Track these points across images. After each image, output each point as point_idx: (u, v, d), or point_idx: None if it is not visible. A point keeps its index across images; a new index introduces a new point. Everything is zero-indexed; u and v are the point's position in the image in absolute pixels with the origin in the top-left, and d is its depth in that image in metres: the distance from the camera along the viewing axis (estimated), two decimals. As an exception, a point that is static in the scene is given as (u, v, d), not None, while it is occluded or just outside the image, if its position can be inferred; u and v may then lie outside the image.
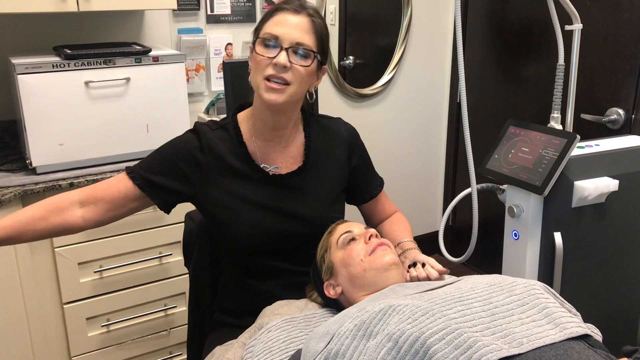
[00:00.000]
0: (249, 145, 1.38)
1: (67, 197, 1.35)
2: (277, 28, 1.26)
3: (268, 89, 1.25)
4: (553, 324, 0.97)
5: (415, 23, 3.06)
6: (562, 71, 1.73)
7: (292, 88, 1.27)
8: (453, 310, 0.96)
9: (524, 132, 1.72)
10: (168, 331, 2.21)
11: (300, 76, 1.27)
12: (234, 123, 1.39)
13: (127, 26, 2.35)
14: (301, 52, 1.26)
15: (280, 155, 1.40)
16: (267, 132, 1.37)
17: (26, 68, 1.83)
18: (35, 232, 1.30)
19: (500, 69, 2.91)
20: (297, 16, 1.27)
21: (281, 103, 1.27)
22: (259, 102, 1.33)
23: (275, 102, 1.26)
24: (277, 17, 1.28)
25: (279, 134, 1.38)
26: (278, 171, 1.39)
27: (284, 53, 1.24)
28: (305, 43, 1.27)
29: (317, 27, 1.29)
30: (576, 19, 1.70)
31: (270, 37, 1.26)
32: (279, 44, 1.25)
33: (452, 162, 3.34)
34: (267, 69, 1.25)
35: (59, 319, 2.01)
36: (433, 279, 1.25)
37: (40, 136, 1.89)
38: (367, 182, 1.53)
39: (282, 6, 1.29)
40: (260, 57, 1.26)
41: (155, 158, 1.39)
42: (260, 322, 1.27)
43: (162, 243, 2.12)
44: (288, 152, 1.40)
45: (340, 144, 1.46)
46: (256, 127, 1.38)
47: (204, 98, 2.59)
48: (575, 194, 1.63)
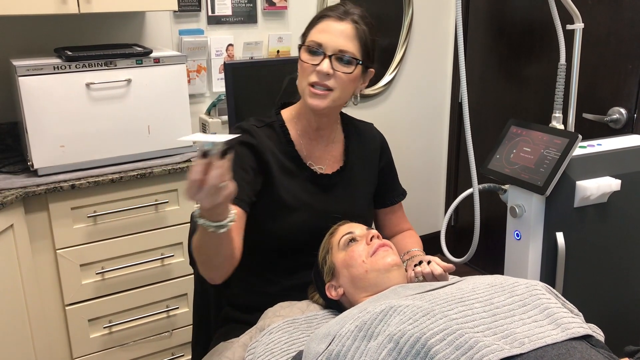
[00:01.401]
0: (295, 144, 1.41)
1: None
2: (321, 35, 1.30)
3: (312, 94, 1.31)
4: (555, 324, 0.97)
5: (417, 23, 3.06)
6: (563, 71, 1.73)
7: (335, 94, 1.31)
8: (454, 311, 0.95)
9: (526, 132, 1.72)
10: (170, 332, 2.21)
11: (342, 82, 1.31)
12: (280, 121, 1.42)
13: (128, 27, 2.35)
14: (344, 59, 1.30)
15: (323, 154, 1.44)
16: (312, 132, 1.42)
17: (27, 70, 1.83)
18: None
19: (502, 68, 2.91)
20: (341, 23, 1.31)
21: (323, 108, 1.32)
22: (303, 105, 1.37)
23: (317, 107, 1.31)
24: (322, 24, 1.32)
25: (322, 134, 1.43)
26: (323, 171, 1.42)
27: (326, 61, 1.28)
28: (349, 50, 1.30)
29: (360, 33, 1.32)
30: (577, 19, 1.69)
31: (314, 44, 1.30)
32: (323, 52, 1.29)
33: (454, 162, 3.34)
34: (311, 75, 1.30)
35: (61, 320, 2.01)
36: (437, 274, 1.25)
37: (41, 138, 1.89)
38: (390, 189, 1.58)
39: (327, 13, 1.33)
40: (305, 65, 1.31)
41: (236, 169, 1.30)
42: (262, 324, 1.27)
43: (164, 244, 2.12)
44: (330, 152, 1.45)
45: (373, 148, 1.52)
46: (302, 126, 1.41)
47: (205, 99, 2.59)
48: (578, 194, 1.63)
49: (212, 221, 1.03)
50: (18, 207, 1.82)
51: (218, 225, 1.04)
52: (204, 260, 1.19)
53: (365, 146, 1.51)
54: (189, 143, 2.14)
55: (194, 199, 0.95)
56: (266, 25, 2.66)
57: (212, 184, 0.92)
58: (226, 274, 1.23)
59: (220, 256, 1.16)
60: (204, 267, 1.21)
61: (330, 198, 1.41)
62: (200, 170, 0.92)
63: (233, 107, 2.29)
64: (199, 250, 1.17)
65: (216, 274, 1.22)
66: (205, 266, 1.20)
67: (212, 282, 1.24)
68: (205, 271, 1.21)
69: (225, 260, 1.18)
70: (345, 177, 1.44)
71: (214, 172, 0.92)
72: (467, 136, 1.55)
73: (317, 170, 1.41)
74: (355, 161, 1.47)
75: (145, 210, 2.06)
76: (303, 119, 1.41)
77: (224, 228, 1.04)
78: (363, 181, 1.48)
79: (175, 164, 2.07)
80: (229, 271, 1.23)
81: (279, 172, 1.36)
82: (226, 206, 1.03)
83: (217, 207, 1.00)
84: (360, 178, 1.47)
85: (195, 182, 0.92)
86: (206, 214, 1.03)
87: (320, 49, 1.30)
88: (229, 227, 1.06)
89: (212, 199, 0.95)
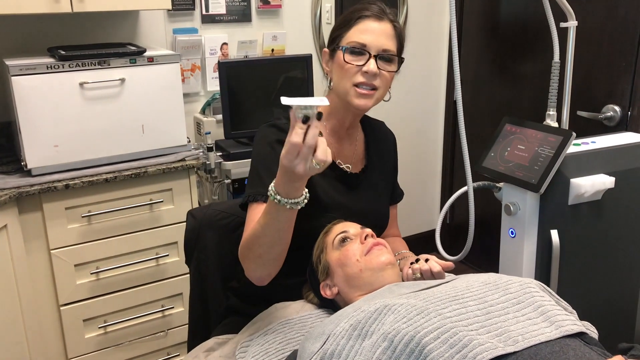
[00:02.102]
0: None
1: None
2: (364, 36, 1.31)
3: (358, 95, 1.31)
4: (548, 322, 0.97)
5: (411, 21, 3.06)
6: (557, 68, 1.73)
7: (379, 93, 1.34)
8: (448, 309, 0.95)
9: (520, 130, 1.72)
10: (166, 332, 2.21)
11: (386, 81, 1.34)
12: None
13: (122, 27, 2.34)
14: (387, 57, 1.32)
15: (350, 153, 1.45)
16: (343, 131, 1.43)
17: (20, 69, 1.82)
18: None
19: (496, 66, 2.91)
20: (381, 23, 1.33)
21: (370, 107, 1.34)
22: (340, 104, 1.37)
23: (365, 107, 1.33)
24: (362, 24, 1.33)
25: (350, 132, 1.45)
26: (350, 169, 1.43)
27: (372, 61, 1.30)
28: (391, 49, 1.33)
29: (398, 31, 1.36)
30: (571, 16, 1.70)
31: (358, 45, 1.31)
32: (367, 51, 1.30)
33: (449, 160, 3.34)
34: (356, 76, 1.30)
35: (56, 321, 2.00)
36: (435, 271, 1.25)
37: (35, 138, 1.88)
38: (393, 188, 1.59)
39: (364, 13, 1.33)
40: (349, 66, 1.30)
41: (262, 166, 1.32)
42: (257, 326, 1.27)
43: (158, 244, 2.12)
44: (355, 151, 1.46)
45: (388, 146, 1.56)
46: (331, 125, 1.42)
47: (199, 98, 2.58)
48: (572, 191, 1.63)
49: (289, 198, 1.08)
50: (12, 207, 1.82)
51: (294, 202, 1.08)
52: (261, 253, 1.18)
53: (382, 145, 1.53)
54: (183, 142, 2.14)
55: (291, 165, 1.00)
56: (261, 23, 2.65)
57: (309, 144, 0.98)
58: (277, 269, 1.24)
59: (281, 243, 1.17)
60: (259, 263, 1.20)
61: (357, 197, 1.42)
62: (301, 134, 0.98)
63: (227, 106, 2.29)
64: (258, 242, 1.17)
65: (268, 269, 1.22)
66: (260, 261, 1.20)
67: (260, 282, 1.24)
68: (259, 267, 1.21)
69: (283, 250, 1.20)
70: (369, 176, 1.46)
71: (311, 132, 0.98)
72: (462, 134, 1.55)
73: (346, 169, 1.42)
74: (375, 160, 1.49)
75: (139, 210, 2.06)
76: (334, 118, 1.41)
77: (300, 205, 1.09)
78: (382, 180, 1.50)
79: (170, 164, 2.06)
80: (279, 266, 1.24)
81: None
82: (303, 184, 1.08)
83: (294, 182, 1.05)
84: (380, 177, 1.49)
85: (296, 146, 0.98)
86: (282, 190, 1.07)
87: (365, 49, 1.30)
88: (303, 205, 1.10)
89: (307, 164, 1.00)
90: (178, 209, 2.11)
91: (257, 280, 1.24)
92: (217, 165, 2.29)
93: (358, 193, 1.43)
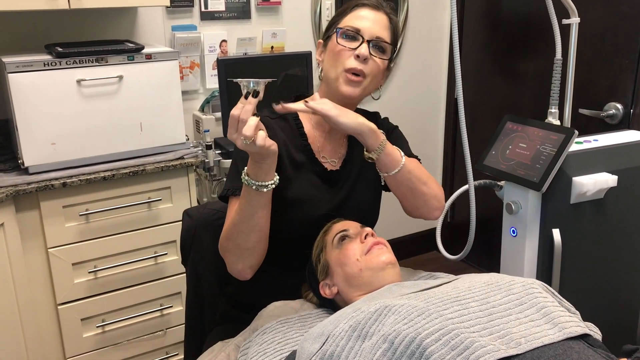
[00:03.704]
0: (309, 137, 1.39)
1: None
2: (359, 22, 1.32)
3: (347, 81, 1.30)
4: (552, 323, 0.95)
5: (412, 18, 3.04)
6: (559, 66, 1.71)
7: (367, 81, 1.32)
8: (450, 310, 0.94)
9: (522, 128, 1.70)
10: (164, 331, 2.20)
11: (376, 69, 1.32)
12: (293, 114, 1.40)
13: (120, 23, 2.32)
14: (380, 45, 1.32)
15: (336, 148, 1.43)
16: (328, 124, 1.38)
17: (17, 67, 1.81)
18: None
19: (497, 64, 2.89)
20: (377, 12, 1.34)
21: (357, 96, 1.32)
22: (329, 94, 1.34)
23: (352, 95, 1.31)
24: (358, 11, 1.34)
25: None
26: (335, 165, 1.41)
27: (365, 45, 1.30)
28: (385, 38, 1.33)
29: (393, 24, 1.37)
30: (574, 13, 1.68)
31: (352, 29, 1.31)
32: (361, 36, 1.30)
33: (450, 159, 3.32)
34: (349, 60, 1.30)
35: (54, 320, 1.99)
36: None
37: (32, 135, 1.86)
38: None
39: (362, 2, 1.35)
40: (341, 48, 1.30)
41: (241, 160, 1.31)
42: (255, 325, 1.25)
43: (157, 242, 2.10)
44: (343, 145, 1.44)
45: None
46: (317, 118, 1.40)
47: (198, 96, 2.57)
48: (574, 190, 1.61)
49: (257, 180, 1.14)
50: (9, 205, 1.80)
51: (262, 184, 1.15)
52: (240, 242, 1.22)
53: None
54: (182, 140, 2.12)
55: (231, 138, 1.08)
56: (260, 20, 2.63)
57: (241, 118, 1.06)
58: (257, 260, 1.26)
59: (257, 230, 1.21)
60: (238, 254, 1.24)
61: (336, 193, 1.39)
62: (240, 107, 1.07)
63: (227, 104, 2.27)
64: (235, 229, 1.21)
65: (248, 260, 1.25)
66: (239, 252, 1.23)
67: (242, 275, 1.27)
68: (239, 259, 1.24)
69: (261, 238, 1.23)
70: (350, 169, 1.42)
71: (245, 107, 1.06)
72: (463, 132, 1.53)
73: (327, 167, 1.39)
74: (359, 152, 1.42)
75: (138, 208, 2.04)
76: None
77: (266, 188, 1.15)
78: (368, 173, 1.44)
79: (168, 162, 2.05)
80: (260, 258, 1.26)
81: (289, 166, 1.34)
82: (270, 165, 1.14)
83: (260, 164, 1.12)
84: (365, 170, 1.44)
85: (233, 119, 1.07)
86: (251, 172, 1.14)
87: (358, 34, 1.30)
88: (271, 189, 1.16)
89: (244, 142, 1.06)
90: (176, 207, 2.09)
91: (239, 273, 1.27)
92: (215, 163, 2.27)
93: (338, 189, 1.39)
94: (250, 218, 1.19)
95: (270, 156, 1.13)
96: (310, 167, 1.37)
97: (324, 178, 1.38)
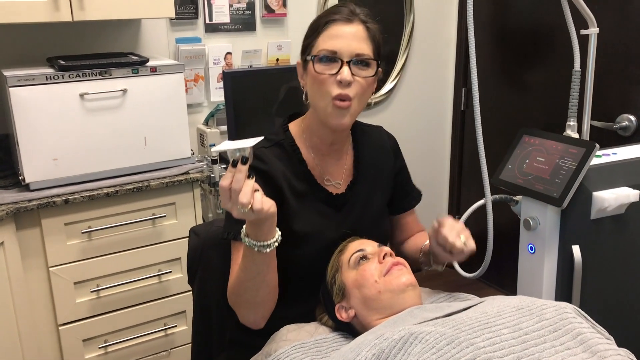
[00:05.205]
0: (307, 162, 1.31)
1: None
2: (333, 42, 1.20)
3: (335, 109, 1.19)
4: (590, 352, 0.89)
5: (418, 29, 3.00)
6: (578, 77, 1.67)
7: (355, 104, 1.21)
8: (481, 338, 0.88)
9: (539, 141, 1.65)
10: (168, 351, 2.13)
11: (362, 89, 1.21)
12: (289, 140, 1.31)
13: (124, 36, 2.28)
14: (363, 62, 1.20)
15: (337, 169, 1.34)
16: (325, 147, 1.32)
17: (18, 80, 1.76)
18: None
19: (505, 75, 2.85)
20: (351, 25, 1.21)
21: (348, 125, 1.23)
22: (318, 120, 1.26)
23: (342, 126, 1.22)
24: (330, 30, 1.21)
25: (335, 148, 1.34)
26: (339, 187, 1.33)
27: (346, 68, 1.18)
28: (365, 53, 1.20)
29: (372, 33, 1.23)
30: (592, 23, 1.64)
31: (328, 52, 1.19)
32: (339, 58, 1.19)
33: (456, 172, 3.27)
34: (333, 88, 1.19)
35: (54, 341, 1.92)
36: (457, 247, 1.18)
37: (33, 151, 1.81)
38: (407, 193, 1.49)
39: (332, 17, 1.22)
40: (322, 76, 1.19)
41: None
42: (268, 349, 1.19)
43: (161, 260, 2.04)
44: (344, 165, 1.36)
45: (385, 154, 1.42)
46: (313, 142, 1.31)
47: (203, 109, 2.52)
48: (594, 205, 1.56)
49: (257, 240, 1.05)
50: (9, 223, 1.75)
51: (263, 244, 1.05)
52: (249, 298, 1.15)
53: (376, 154, 1.40)
54: (187, 154, 2.07)
55: (226, 207, 0.98)
56: (265, 32, 2.59)
57: (233, 188, 0.95)
58: (270, 310, 1.19)
59: (265, 286, 1.13)
60: (248, 307, 1.17)
61: (344, 216, 1.32)
62: (229, 177, 0.96)
63: (232, 117, 2.22)
64: (242, 287, 1.14)
65: (260, 312, 1.18)
66: (250, 306, 1.17)
67: (256, 326, 1.20)
68: (250, 312, 1.18)
69: (270, 291, 1.16)
70: (357, 191, 1.35)
71: (236, 176, 0.95)
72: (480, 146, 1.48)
73: (332, 191, 1.32)
74: (366, 172, 1.37)
75: (142, 225, 1.98)
76: (315, 136, 1.30)
77: (269, 248, 1.06)
78: (376, 192, 1.38)
79: (173, 177, 1.99)
80: (272, 307, 1.19)
81: (292, 198, 1.27)
82: (271, 225, 1.05)
83: (260, 226, 1.03)
84: (373, 189, 1.38)
85: (224, 190, 0.96)
86: (251, 233, 1.05)
87: (336, 56, 1.19)
88: (273, 247, 1.07)
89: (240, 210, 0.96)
90: (181, 223, 2.04)
91: (253, 324, 1.20)
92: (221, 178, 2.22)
93: (346, 213, 1.33)
94: (256, 276, 1.11)
95: (269, 218, 1.03)
96: (314, 195, 1.30)
97: (329, 203, 1.31)
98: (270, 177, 1.24)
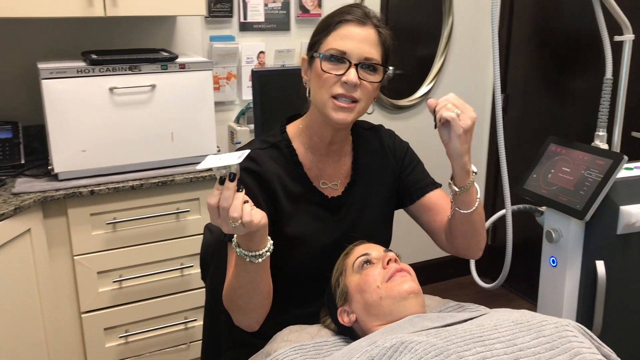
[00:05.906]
0: (304, 163, 1.29)
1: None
2: (344, 42, 1.18)
3: (337, 107, 1.18)
4: (587, 373, 0.85)
5: (457, 33, 2.95)
6: (609, 86, 1.60)
7: (361, 105, 1.20)
8: (471, 352, 0.85)
9: (566, 151, 1.59)
10: (187, 345, 2.16)
11: (368, 92, 1.20)
12: (286, 141, 1.30)
13: (158, 32, 2.32)
14: (370, 66, 1.19)
15: (336, 170, 1.32)
16: (324, 147, 1.30)
17: (50, 73, 1.81)
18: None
19: (545, 82, 2.77)
20: (363, 28, 1.19)
21: (350, 122, 1.21)
22: (320, 118, 1.25)
23: (344, 121, 1.19)
24: (342, 30, 1.19)
25: (334, 148, 1.31)
26: (336, 189, 1.31)
27: (353, 70, 1.17)
28: (374, 57, 1.19)
29: (383, 38, 1.22)
30: (627, 29, 1.57)
31: (337, 52, 1.18)
32: (347, 60, 1.17)
33: (492, 179, 3.19)
34: (335, 87, 1.18)
35: (77, 328, 1.97)
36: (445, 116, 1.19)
37: (63, 142, 1.86)
38: (419, 179, 1.39)
39: (345, 17, 1.20)
40: (327, 75, 1.18)
41: None
42: (268, 349, 1.19)
43: (183, 254, 2.07)
44: (342, 167, 1.33)
45: (384, 154, 1.38)
46: (312, 142, 1.29)
47: (234, 107, 2.54)
48: (621, 219, 1.50)
49: (248, 251, 1.03)
50: (36, 211, 1.80)
51: (255, 254, 1.03)
52: (242, 304, 1.14)
53: (376, 156, 1.37)
54: (213, 150, 2.09)
55: (215, 224, 0.96)
56: (299, 32, 2.59)
57: (222, 206, 0.93)
58: (264, 315, 1.18)
59: (258, 293, 1.12)
60: (242, 313, 1.17)
61: (340, 220, 1.30)
62: (217, 194, 0.94)
63: (259, 116, 2.23)
64: (235, 293, 1.13)
65: (254, 317, 1.17)
66: (243, 311, 1.16)
67: (250, 329, 1.19)
68: (244, 317, 1.18)
69: (264, 298, 1.14)
70: (355, 194, 1.32)
71: (224, 194, 0.93)
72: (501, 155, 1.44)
73: (328, 194, 1.30)
74: (365, 174, 1.34)
75: (165, 219, 2.01)
76: (314, 135, 1.28)
77: (260, 258, 1.04)
78: (375, 196, 1.35)
79: (198, 172, 2.01)
80: (266, 312, 1.18)
81: (286, 201, 1.25)
82: (262, 236, 1.02)
83: (251, 236, 1.00)
84: (371, 193, 1.34)
85: (213, 208, 0.94)
86: (242, 243, 1.03)
87: (344, 57, 1.17)
88: (265, 257, 1.04)
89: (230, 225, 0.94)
90: (204, 219, 2.06)
91: (247, 328, 1.19)
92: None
93: (342, 216, 1.30)
94: (249, 284, 1.09)
95: (260, 229, 1.00)
96: (309, 198, 1.28)
97: (325, 206, 1.29)
98: (264, 179, 1.23)
